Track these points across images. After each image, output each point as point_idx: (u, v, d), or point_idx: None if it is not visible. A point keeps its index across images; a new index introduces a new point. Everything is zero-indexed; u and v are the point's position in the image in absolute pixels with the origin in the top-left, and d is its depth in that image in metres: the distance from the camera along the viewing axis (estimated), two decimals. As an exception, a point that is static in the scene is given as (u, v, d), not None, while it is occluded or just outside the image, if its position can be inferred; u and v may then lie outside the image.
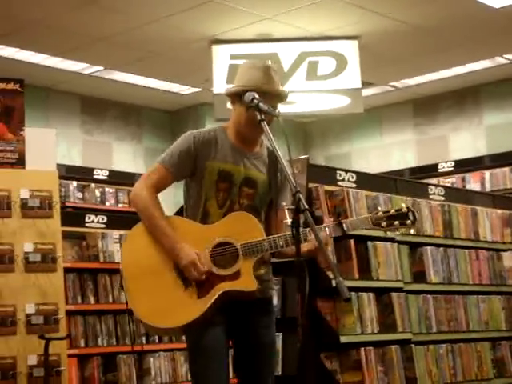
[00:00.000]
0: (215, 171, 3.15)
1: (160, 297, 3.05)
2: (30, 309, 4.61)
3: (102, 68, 8.81)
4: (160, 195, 3.20)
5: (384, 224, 3.13)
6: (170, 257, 3.06)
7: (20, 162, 4.85)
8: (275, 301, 4.14)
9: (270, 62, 3.27)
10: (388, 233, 3.22)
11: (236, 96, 3.18)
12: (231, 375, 3.18)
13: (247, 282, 3.05)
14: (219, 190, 3.15)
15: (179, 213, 3.31)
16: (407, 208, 3.16)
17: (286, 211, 3.14)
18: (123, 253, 3.16)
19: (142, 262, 3.09)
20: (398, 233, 3.26)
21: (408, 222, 3.14)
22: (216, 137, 3.20)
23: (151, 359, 6.09)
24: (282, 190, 3.26)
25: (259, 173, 3.22)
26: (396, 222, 3.14)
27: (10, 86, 4.91)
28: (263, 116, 3.03)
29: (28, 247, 4.69)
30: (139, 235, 3.13)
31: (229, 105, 3.31)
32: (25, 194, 4.76)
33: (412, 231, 3.38)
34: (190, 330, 3.09)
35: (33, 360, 4.55)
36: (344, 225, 3.09)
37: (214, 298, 3.02)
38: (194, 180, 3.20)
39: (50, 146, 5.09)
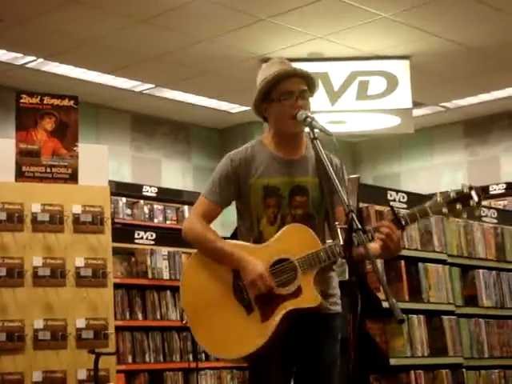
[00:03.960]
0: (260, 188, 3.07)
1: (224, 326, 2.98)
2: (81, 323, 4.65)
3: (153, 86, 8.90)
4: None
5: (445, 210, 2.88)
6: (237, 270, 2.99)
7: (73, 178, 4.91)
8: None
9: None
10: (451, 219, 2.93)
11: (265, 98, 3.10)
12: None
13: (309, 298, 2.93)
14: (268, 206, 3.06)
15: (234, 235, 3.23)
16: (469, 187, 2.89)
17: (339, 230, 3.04)
18: (183, 289, 3.11)
19: (201, 294, 3.05)
20: (464, 216, 2.98)
21: (472, 202, 2.87)
22: (253, 153, 3.12)
23: (198, 377, 6.08)
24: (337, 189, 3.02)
25: (308, 178, 3.10)
26: (458, 206, 2.87)
27: (65, 102, 4.99)
28: (315, 135, 2.97)
29: (79, 262, 4.73)
30: (194, 267, 3.11)
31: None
32: (77, 209, 4.82)
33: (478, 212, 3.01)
34: (252, 361, 3.01)
35: (82, 374, 4.58)
36: (402, 219, 2.90)
37: (278, 320, 2.93)
38: (241, 202, 3.14)
39: (103, 162, 5.14)
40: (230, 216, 3.35)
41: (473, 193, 2.89)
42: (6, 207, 4.66)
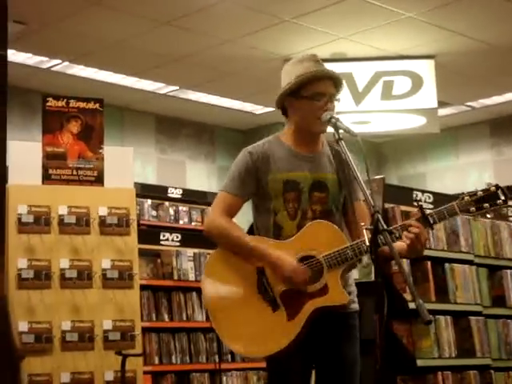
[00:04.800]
0: (279, 183, 3.06)
1: (249, 324, 2.95)
2: (108, 325, 4.66)
3: (177, 88, 8.93)
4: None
5: (473, 209, 2.90)
6: (269, 267, 2.95)
7: (99, 180, 4.94)
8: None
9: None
10: (477, 218, 2.96)
11: (291, 95, 3.09)
12: None
13: (337, 296, 2.92)
14: (288, 200, 3.05)
15: (250, 232, 3.17)
16: (496, 186, 2.92)
17: (364, 231, 3.03)
18: (205, 285, 3.07)
19: (224, 290, 3.02)
20: (488, 216, 3.01)
21: (499, 201, 2.90)
22: (271, 148, 3.12)
23: (224, 378, 6.09)
24: (353, 185, 3.08)
25: (327, 173, 3.11)
26: (486, 205, 2.90)
27: (91, 105, 5.01)
28: (341, 135, 2.97)
29: (106, 264, 4.75)
30: (216, 264, 3.08)
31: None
32: (103, 211, 4.83)
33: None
34: (272, 358, 2.97)
35: (110, 376, 4.60)
36: (430, 218, 2.89)
37: (305, 318, 2.91)
38: (259, 196, 3.11)
39: (128, 164, 5.16)
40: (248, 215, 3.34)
41: (499, 192, 2.91)
42: (33, 210, 4.69)
